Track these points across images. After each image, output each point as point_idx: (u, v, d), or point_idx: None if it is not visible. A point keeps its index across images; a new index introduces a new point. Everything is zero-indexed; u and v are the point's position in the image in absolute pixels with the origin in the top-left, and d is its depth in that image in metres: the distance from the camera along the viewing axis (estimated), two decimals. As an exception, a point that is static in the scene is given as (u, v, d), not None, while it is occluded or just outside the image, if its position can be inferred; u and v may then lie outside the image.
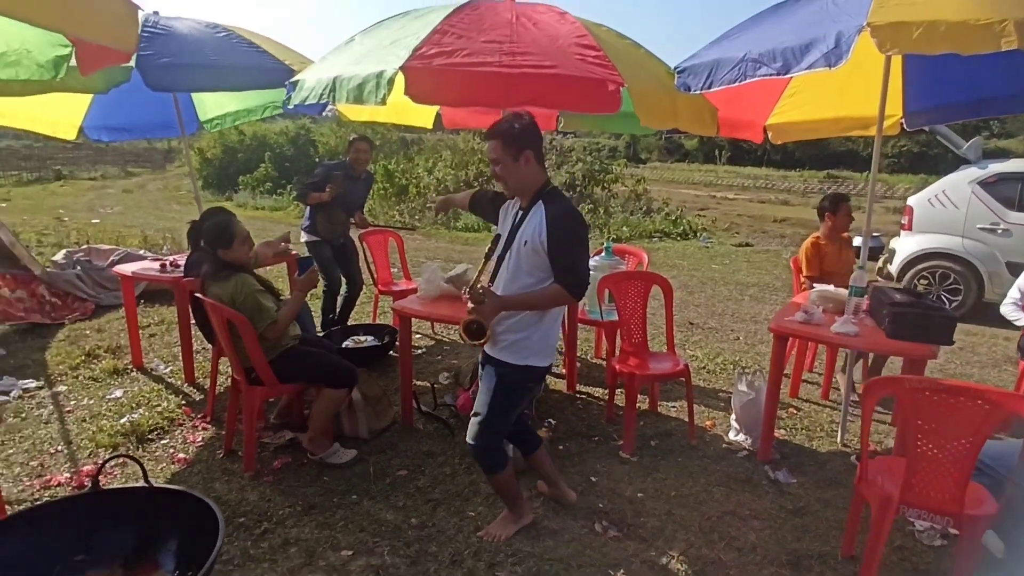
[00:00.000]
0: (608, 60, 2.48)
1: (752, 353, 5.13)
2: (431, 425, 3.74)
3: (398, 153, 18.89)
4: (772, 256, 9.83)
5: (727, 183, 34.59)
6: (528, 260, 2.30)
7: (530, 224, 2.29)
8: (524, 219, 2.32)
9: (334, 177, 4.65)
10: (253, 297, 3.02)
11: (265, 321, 3.01)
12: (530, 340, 2.38)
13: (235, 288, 3.02)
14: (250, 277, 3.12)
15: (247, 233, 3.20)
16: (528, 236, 2.28)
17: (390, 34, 2.84)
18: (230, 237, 3.12)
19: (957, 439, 1.93)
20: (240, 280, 3.05)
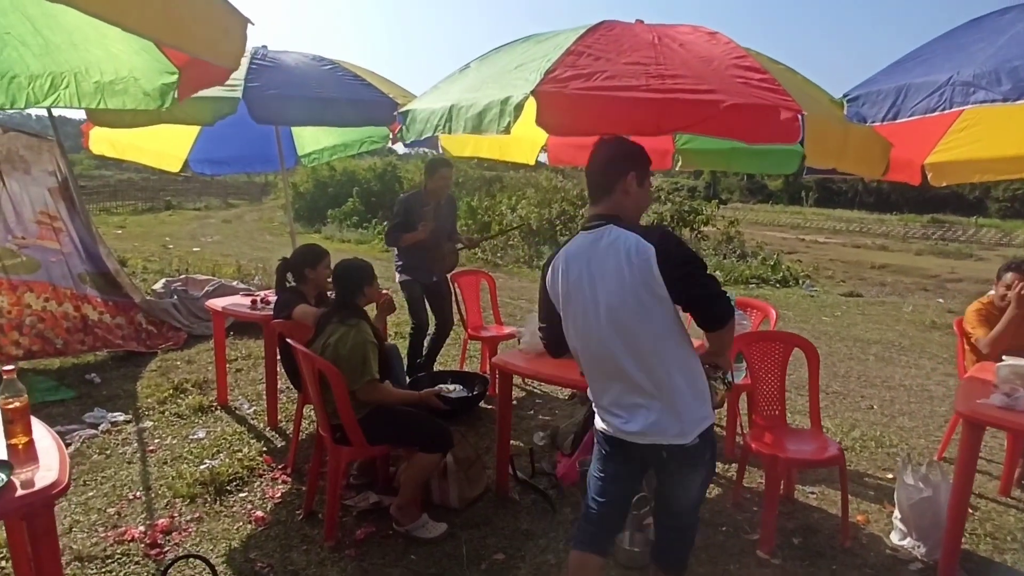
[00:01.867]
0: (778, 83, 2.05)
1: (894, 428, 4.40)
2: (528, 496, 3.30)
3: (480, 190, 18.96)
4: (890, 309, 8.86)
5: (816, 226, 32.92)
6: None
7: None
8: None
9: (424, 214, 4.38)
10: (364, 349, 2.77)
11: (365, 378, 2.73)
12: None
13: (354, 336, 2.78)
14: (369, 328, 2.89)
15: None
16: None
17: (513, 59, 2.53)
18: (371, 278, 3.00)
19: None
20: (361, 328, 2.82)
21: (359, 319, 2.89)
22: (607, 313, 1.84)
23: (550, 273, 2.00)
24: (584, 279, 1.88)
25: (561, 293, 1.95)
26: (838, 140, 2.27)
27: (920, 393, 5.15)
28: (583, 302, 1.90)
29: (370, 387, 2.76)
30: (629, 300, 1.80)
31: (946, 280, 14.23)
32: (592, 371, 1.97)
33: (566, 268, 1.93)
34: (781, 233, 27.83)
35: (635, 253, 1.77)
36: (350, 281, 2.96)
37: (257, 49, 3.86)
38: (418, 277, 4.60)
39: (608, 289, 1.83)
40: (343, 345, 2.76)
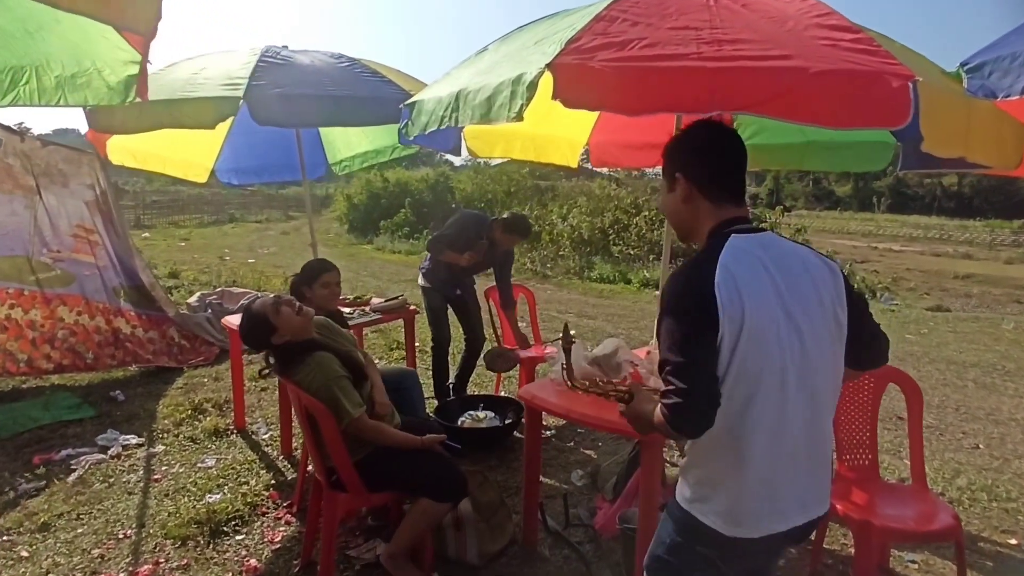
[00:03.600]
0: (878, 44, 1.53)
1: (1009, 474, 3.66)
2: (560, 551, 2.82)
3: (532, 200, 18.58)
4: (986, 326, 7.86)
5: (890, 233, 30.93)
6: None
7: None
8: None
9: (479, 246, 4.03)
10: (329, 390, 2.34)
11: (344, 420, 2.32)
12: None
13: (315, 376, 2.37)
14: (331, 355, 2.44)
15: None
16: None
17: (536, 34, 2.10)
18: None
19: None
20: (320, 364, 2.39)
21: (313, 351, 2.43)
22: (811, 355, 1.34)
23: (722, 291, 1.27)
24: (775, 302, 1.31)
25: (743, 325, 1.27)
26: (962, 121, 1.71)
27: (1036, 430, 4.36)
28: (781, 337, 1.30)
29: (353, 426, 2.36)
30: (827, 336, 1.36)
31: (1042, 291, 12.83)
32: (776, 446, 1.34)
33: (744, 285, 1.28)
34: (852, 242, 26.22)
35: (827, 270, 1.38)
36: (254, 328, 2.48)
37: (270, 47, 3.58)
38: (440, 288, 4.28)
39: (811, 319, 1.34)
40: (310, 386, 2.35)
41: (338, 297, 3.29)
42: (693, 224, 1.44)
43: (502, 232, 4.08)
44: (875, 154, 3.12)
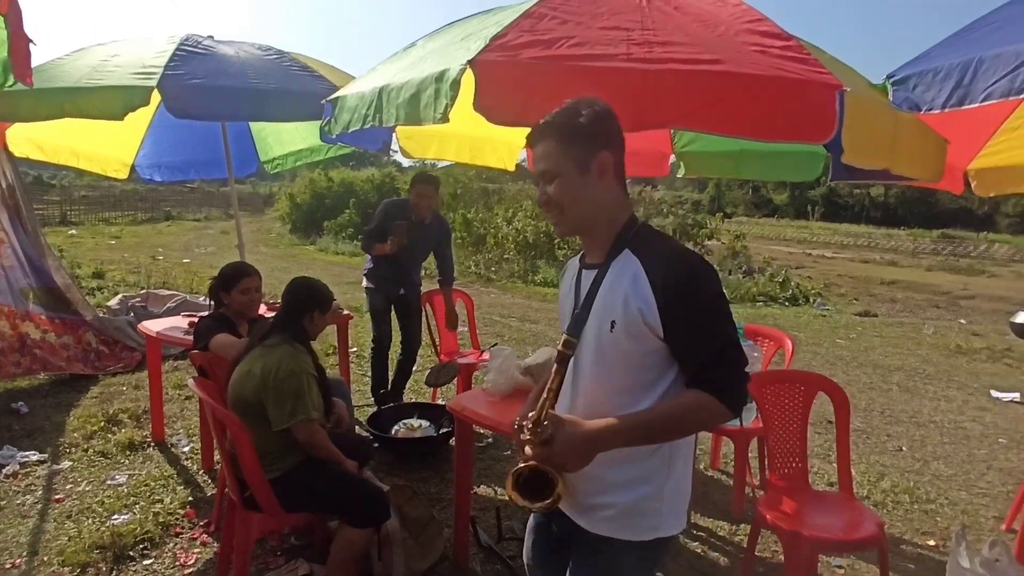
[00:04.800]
0: (807, 52, 1.51)
1: (929, 476, 3.80)
2: (493, 566, 2.73)
3: (478, 202, 18.47)
4: (910, 331, 8.24)
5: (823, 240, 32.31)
6: (619, 352, 1.28)
7: (615, 290, 1.28)
8: (601, 283, 1.31)
9: (396, 227, 3.92)
10: (299, 379, 2.23)
11: (298, 416, 2.20)
12: (659, 495, 1.34)
13: (289, 362, 2.24)
14: (310, 358, 2.37)
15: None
16: (616, 311, 1.26)
17: (465, 30, 2.00)
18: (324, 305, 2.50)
19: None
20: (300, 356, 2.30)
21: (301, 345, 2.36)
22: None
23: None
24: None
25: None
26: (887, 133, 1.71)
27: (954, 432, 4.55)
28: None
29: (306, 428, 2.23)
30: None
31: (958, 297, 13.60)
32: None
33: None
34: (788, 248, 27.22)
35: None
36: (300, 300, 2.45)
37: (191, 36, 3.35)
38: (384, 288, 4.19)
39: None
40: (275, 370, 2.22)
41: (259, 303, 3.10)
42: (608, 214, 1.33)
43: (415, 194, 4.00)
44: (807, 164, 3.17)
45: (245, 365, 2.31)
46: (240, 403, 2.24)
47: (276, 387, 2.20)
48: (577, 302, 1.35)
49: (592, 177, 1.28)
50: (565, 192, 1.29)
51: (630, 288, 1.25)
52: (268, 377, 2.21)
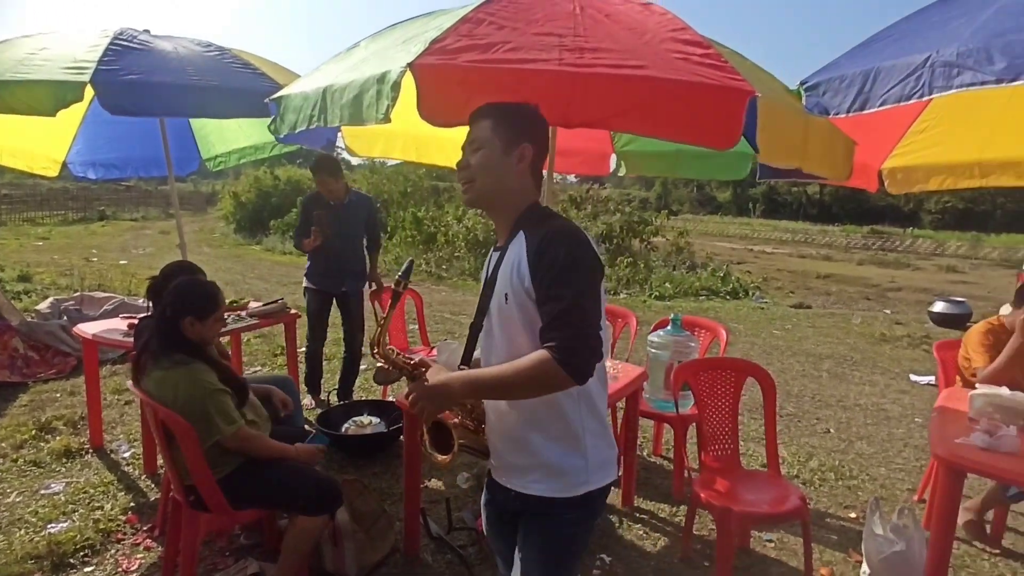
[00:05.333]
0: (724, 60, 1.63)
1: (852, 454, 4.06)
2: (444, 556, 2.79)
3: (428, 201, 18.40)
4: (839, 321, 8.71)
5: (763, 236, 33.60)
6: (513, 321, 1.40)
7: (508, 265, 1.41)
8: (502, 262, 1.45)
9: (317, 218, 4.01)
10: (203, 403, 2.16)
11: (213, 436, 2.16)
12: (581, 452, 1.44)
13: (184, 385, 2.17)
14: (208, 371, 2.23)
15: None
16: (508, 284, 1.39)
17: (406, 32, 2.05)
18: (213, 307, 2.31)
19: None
20: (193, 373, 2.19)
21: (184, 358, 2.21)
22: None
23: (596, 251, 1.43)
24: None
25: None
26: (799, 134, 1.87)
27: (876, 413, 4.87)
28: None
29: (231, 441, 2.20)
30: None
31: (887, 289, 14.40)
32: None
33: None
34: (730, 244, 28.16)
35: None
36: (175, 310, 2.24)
37: (126, 30, 3.27)
38: (324, 286, 4.23)
39: None
40: (175, 399, 2.15)
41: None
42: (512, 196, 1.45)
43: (317, 183, 4.09)
44: (737, 163, 3.36)
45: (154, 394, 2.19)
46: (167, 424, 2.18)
47: (186, 413, 2.13)
48: (487, 278, 1.51)
49: (511, 161, 1.42)
50: (483, 164, 1.43)
51: (516, 261, 1.39)
52: (176, 405, 2.14)
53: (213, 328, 2.33)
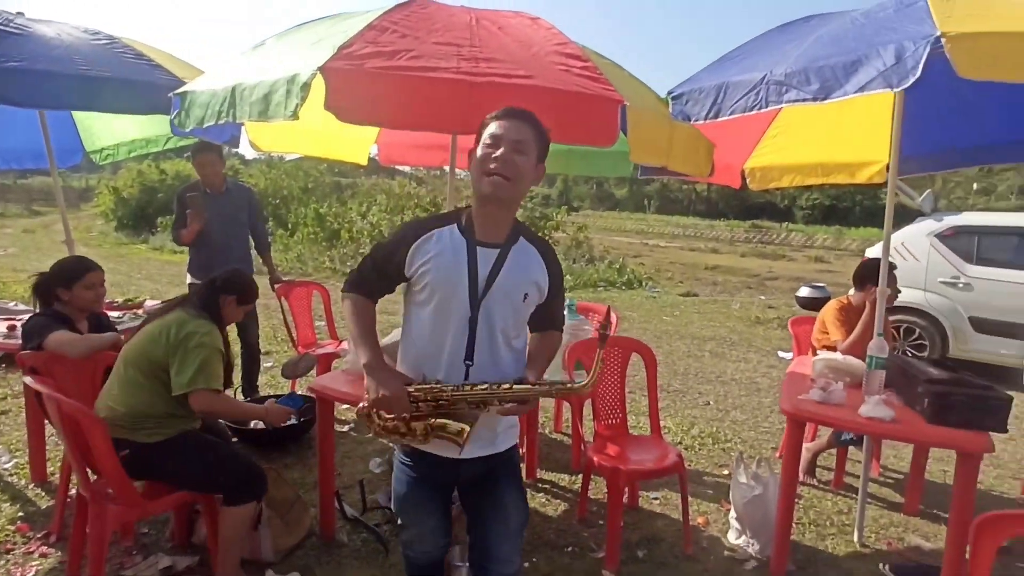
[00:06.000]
0: (600, 73, 1.90)
1: (728, 422, 4.58)
2: (359, 535, 2.91)
3: (331, 196, 17.96)
4: (721, 306, 9.55)
5: (657, 231, 35.53)
6: (523, 315, 1.71)
7: (523, 267, 1.66)
8: (505, 260, 1.64)
9: (191, 200, 3.90)
10: (209, 353, 2.30)
11: (205, 383, 2.26)
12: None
13: (206, 330, 2.33)
14: (222, 337, 2.43)
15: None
16: (526, 285, 1.65)
17: (314, 34, 2.16)
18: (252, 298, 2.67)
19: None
20: (214, 329, 2.38)
21: (213, 320, 2.43)
22: None
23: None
24: None
25: None
26: (664, 138, 2.18)
27: (749, 386, 5.47)
28: None
29: (211, 398, 2.29)
30: None
31: (766, 278, 15.80)
32: None
33: None
34: (627, 238, 29.56)
35: None
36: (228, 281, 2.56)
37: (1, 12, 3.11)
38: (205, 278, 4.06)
39: None
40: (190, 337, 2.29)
41: (103, 299, 2.99)
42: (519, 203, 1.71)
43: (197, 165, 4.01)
44: (621, 161, 3.70)
45: (157, 327, 2.34)
46: (143, 360, 2.29)
47: (186, 352, 2.26)
48: (475, 275, 1.61)
49: (535, 174, 1.62)
50: (525, 168, 1.57)
51: (537, 269, 1.68)
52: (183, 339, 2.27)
53: (238, 314, 2.60)
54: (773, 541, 2.69)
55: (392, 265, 1.65)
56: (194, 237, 3.95)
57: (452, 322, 1.62)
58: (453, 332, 1.63)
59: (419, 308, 1.67)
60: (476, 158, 1.58)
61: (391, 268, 1.65)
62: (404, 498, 1.80)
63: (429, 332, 1.65)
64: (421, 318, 1.66)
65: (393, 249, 1.65)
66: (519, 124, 1.56)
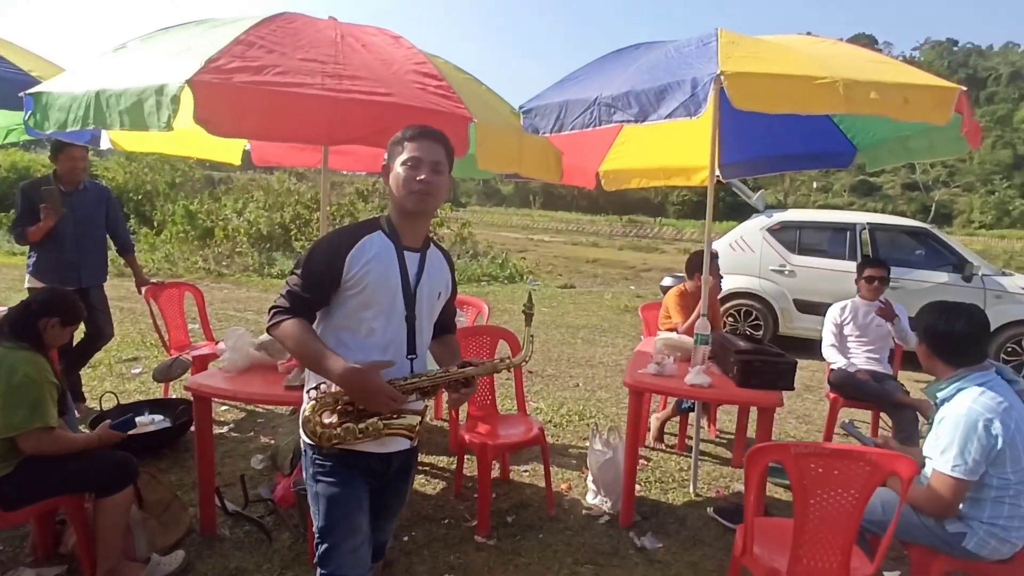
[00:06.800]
0: (453, 91, 2.15)
1: (593, 400, 5.06)
2: (242, 528, 2.99)
3: (203, 192, 16.92)
4: (595, 297, 10.24)
5: (542, 226, 36.71)
6: (435, 314, 1.88)
7: (437, 271, 1.83)
8: (425, 263, 1.78)
9: (47, 194, 3.64)
10: (39, 388, 2.23)
11: (34, 423, 2.19)
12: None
13: (26, 367, 2.22)
14: (48, 364, 2.32)
15: None
16: (441, 285, 1.84)
17: (181, 42, 2.23)
18: (76, 318, 2.50)
19: (842, 504, 1.84)
20: (38, 360, 2.28)
21: (35, 349, 2.32)
22: None
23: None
24: None
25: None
26: (513, 148, 2.49)
27: (614, 368, 6.03)
28: None
29: (40, 437, 2.22)
30: None
31: (641, 270, 16.99)
32: None
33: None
34: (513, 234, 30.32)
35: None
36: (46, 303, 2.41)
37: None
38: (55, 282, 3.72)
39: None
40: (12, 373, 2.19)
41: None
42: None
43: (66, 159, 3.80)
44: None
45: None
46: None
47: (12, 393, 2.17)
48: (406, 276, 1.72)
49: (448, 187, 1.79)
50: (444, 186, 1.73)
51: (446, 271, 1.86)
52: (9, 381, 2.18)
53: (64, 336, 2.46)
54: (621, 496, 3.11)
55: (330, 275, 1.66)
56: (43, 236, 3.71)
57: (393, 321, 1.71)
58: (394, 330, 1.71)
59: (355, 312, 1.69)
60: (398, 177, 1.68)
61: (328, 279, 1.66)
62: (335, 504, 1.70)
63: (368, 333, 1.70)
64: (359, 320, 1.69)
65: (328, 260, 1.66)
66: (434, 145, 1.70)
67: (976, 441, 1.97)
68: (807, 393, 5.59)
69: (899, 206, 53.90)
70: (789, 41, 2.62)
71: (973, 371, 2.12)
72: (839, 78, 2.12)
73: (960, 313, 2.17)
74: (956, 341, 2.15)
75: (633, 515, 3.14)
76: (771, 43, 2.53)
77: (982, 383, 2.08)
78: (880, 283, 3.91)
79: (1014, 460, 1.99)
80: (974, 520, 2.04)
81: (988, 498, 2.02)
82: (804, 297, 6.83)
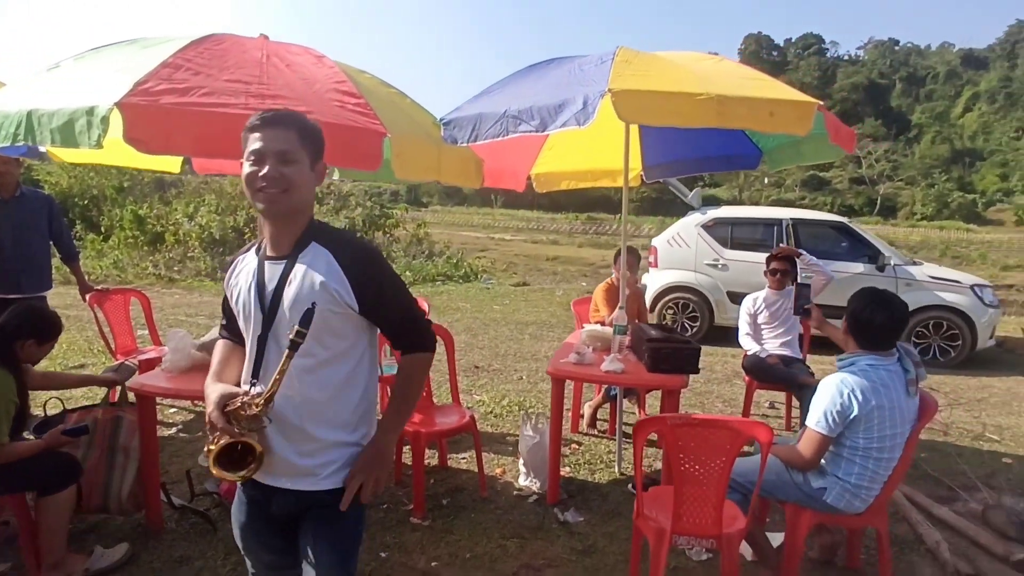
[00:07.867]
0: (370, 108, 2.36)
1: (535, 392, 5.32)
2: (188, 521, 3.14)
3: (152, 196, 16.63)
4: (547, 294, 10.54)
5: (503, 225, 36.99)
6: (319, 330, 1.46)
7: (308, 277, 1.46)
8: (291, 272, 1.48)
9: None
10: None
11: None
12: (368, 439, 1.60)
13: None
14: (12, 383, 2.43)
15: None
16: (314, 293, 1.45)
17: (113, 62, 2.38)
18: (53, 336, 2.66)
19: (711, 466, 2.13)
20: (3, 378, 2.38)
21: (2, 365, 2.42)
22: None
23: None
24: None
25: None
26: (432, 157, 2.71)
27: (558, 361, 6.30)
28: None
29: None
30: None
31: (600, 267, 17.40)
32: None
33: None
34: (475, 233, 30.52)
35: None
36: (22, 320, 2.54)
37: None
38: None
39: None
40: None
41: None
42: (308, 210, 1.54)
43: None
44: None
45: None
46: None
47: None
48: (262, 292, 1.50)
49: (314, 176, 1.52)
50: (298, 177, 1.46)
51: (326, 273, 1.45)
52: None
53: (41, 353, 2.61)
54: (548, 476, 3.37)
55: (226, 303, 1.63)
56: None
57: (251, 342, 1.53)
58: (252, 351, 1.53)
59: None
60: (244, 175, 1.47)
61: (227, 306, 1.63)
62: (238, 523, 1.65)
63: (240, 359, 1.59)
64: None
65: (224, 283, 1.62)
66: (281, 132, 1.46)
67: (837, 405, 2.29)
68: (736, 379, 5.96)
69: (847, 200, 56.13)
70: (681, 59, 2.91)
71: (875, 354, 2.37)
72: (715, 94, 2.41)
73: (885, 307, 2.37)
74: (873, 331, 2.38)
75: (559, 493, 3.40)
76: (663, 60, 2.81)
77: (871, 364, 2.35)
78: (783, 275, 4.26)
79: (867, 430, 2.31)
80: (831, 476, 2.36)
81: (843, 456, 2.35)
82: (737, 289, 7.23)
